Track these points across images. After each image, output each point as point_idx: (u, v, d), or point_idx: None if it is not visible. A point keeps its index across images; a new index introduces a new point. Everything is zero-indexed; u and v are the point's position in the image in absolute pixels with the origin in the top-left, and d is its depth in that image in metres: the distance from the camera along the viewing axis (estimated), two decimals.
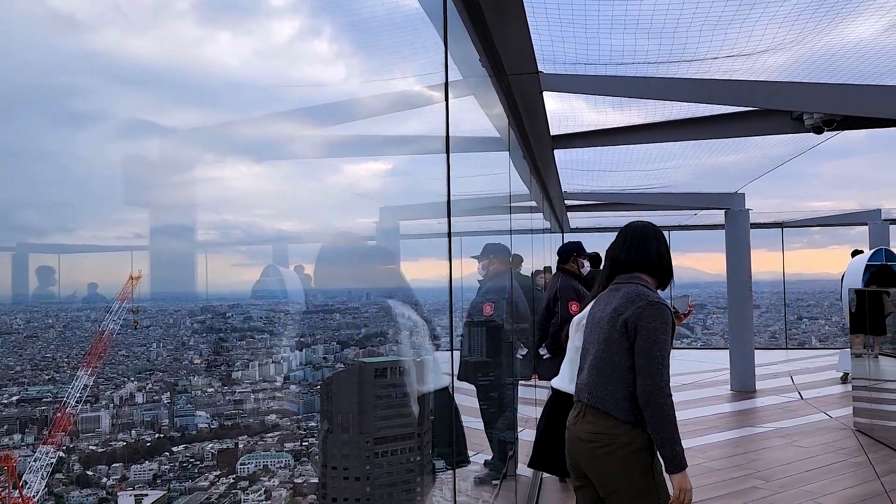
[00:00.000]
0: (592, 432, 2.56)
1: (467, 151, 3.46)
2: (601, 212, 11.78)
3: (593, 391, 2.59)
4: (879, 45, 4.76)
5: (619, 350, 2.56)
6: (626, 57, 4.79)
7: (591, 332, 2.74)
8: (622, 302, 2.61)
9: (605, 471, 2.55)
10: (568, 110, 5.81)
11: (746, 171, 9.29)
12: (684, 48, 4.56)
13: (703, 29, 4.22)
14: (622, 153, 7.88)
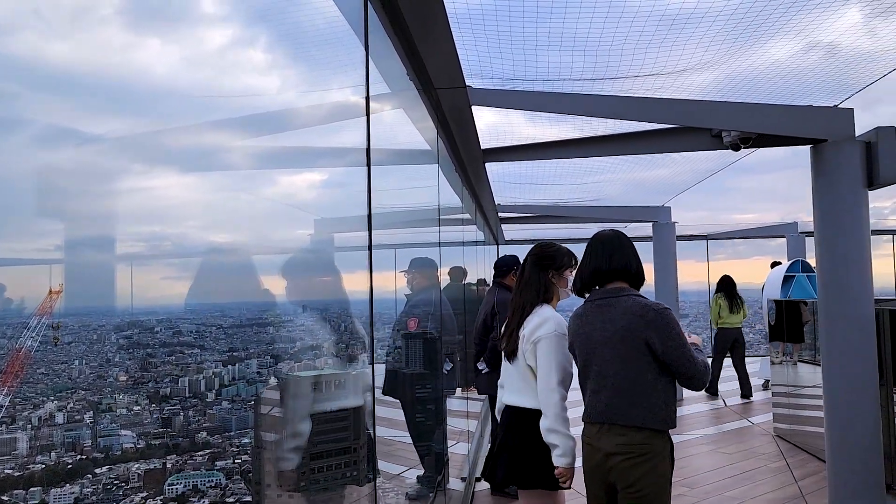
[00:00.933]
0: (627, 444, 2.65)
1: (395, 164, 3.48)
2: (536, 224, 11.96)
3: (619, 409, 2.67)
4: (794, 66, 5.03)
5: (644, 367, 2.66)
6: (558, 73, 4.92)
7: (596, 352, 2.76)
8: (630, 319, 2.69)
9: (640, 478, 2.64)
10: (505, 123, 5.90)
11: (672, 185, 9.61)
12: (612, 65, 4.71)
13: (636, 48, 4.37)
14: (556, 167, 8.05)
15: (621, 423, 2.67)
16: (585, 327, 2.84)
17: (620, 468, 2.66)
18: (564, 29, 3.78)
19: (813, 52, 4.75)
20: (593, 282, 2.88)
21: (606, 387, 2.72)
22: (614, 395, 2.69)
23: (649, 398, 2.65)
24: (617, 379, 2.70)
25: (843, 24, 4.37)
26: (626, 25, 4.08)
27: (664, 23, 4.13)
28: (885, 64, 4.80)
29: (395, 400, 5.10)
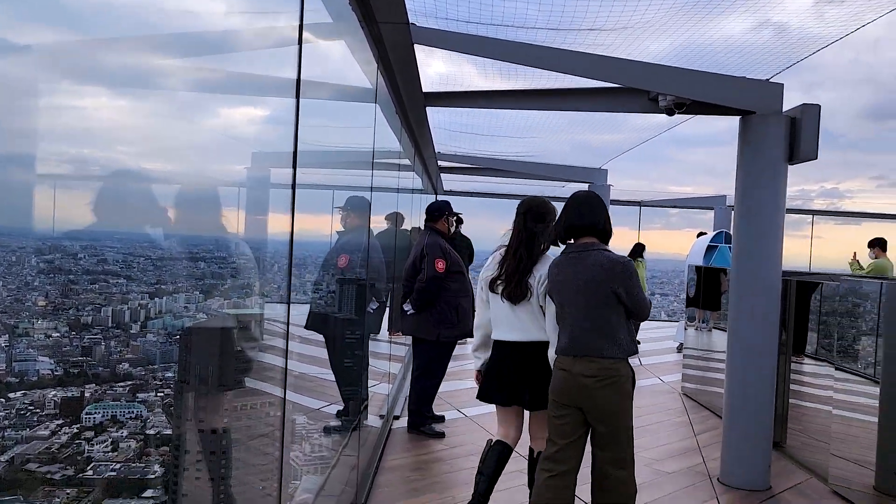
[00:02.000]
0: (599, 368, 3.19)
1: (329, 100, 3.43)
2: (476, 176, 12.02)
3: (591, 344, 3.22)
4: (744, 41, 5.15)
5: (611, 310, 3.24)
6: (512, 20, 4.88)
7: (570, 296, 3.30)
8: (600, 271, 3.24)
9: (608, 399, 3.20)
10: (457, 74, 5.87)
11: (611, 148, 9.80)
12: (567, 17, 4.72)
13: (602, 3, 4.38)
14: (500, 120, 8.08)
15: (593, 356, 3.21)
16: (561, 276, 3.35)
17: (592, 389, 3.19)
18: None
19: (764, 30, 4.88)
20: (568, 235, 3.38)
21: (579, 327, 3.26)
22: (586, 333, 3.24)
23: (615, 335, 3.23)
24: (588, 321, 3.25)
25: (796, 4, 4.48)
26: None
27: None
28: (823, 43, 4.96)
29: (320, 336, 5.12)
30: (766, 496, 4.58)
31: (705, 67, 5.70)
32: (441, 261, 5.24)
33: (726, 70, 5.70)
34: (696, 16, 4.60)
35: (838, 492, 4.70)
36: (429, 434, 5.40)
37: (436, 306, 5.31)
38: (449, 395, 6.75)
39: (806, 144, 4.62)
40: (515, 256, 3.56)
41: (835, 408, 5.28)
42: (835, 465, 4.91)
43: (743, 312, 4.80)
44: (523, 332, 3.59)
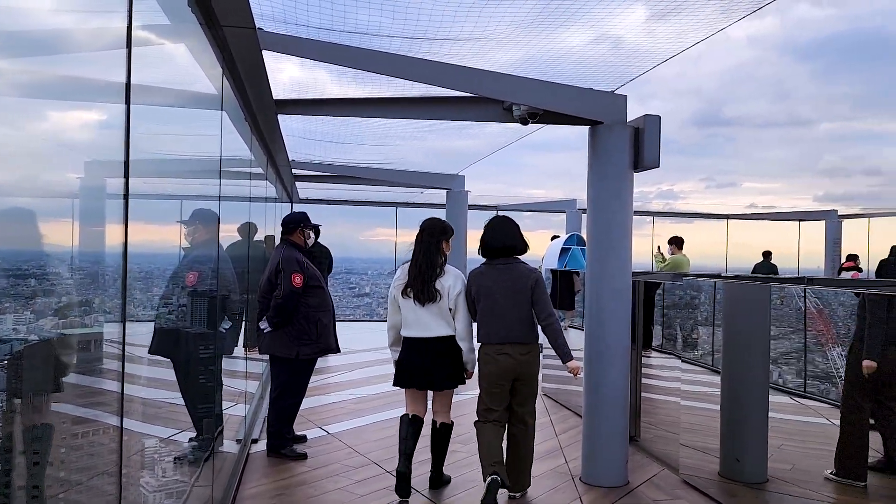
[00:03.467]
0: (528, 349, 4.41)
1: (167, 105, 3.16)
2: (333, 184, 11.79)
3: (522, 332, 4.38)
4: (585, 53, 5.33)
5: (527, 308, 4.39)
6: (366, 28, 4.78)
7: (496, 298, 4.37)
8: (521, 280, 4.40)
9: (531, 370, 4.45)
10: (310, 80, 5.65)
11: (468, 154, 9.94)
12: (421, 26, 4.68)
13: (456, 13, 4.36)
14: (357, 128, 7.93)
15: (519, 342, 4.37)
16: (487, 282, 4.42)
17: (525, 363, 4.38)
18: None
19: (602, 43, 5.07)
20: (491, 252, 4.49)
21: (506, 319, 4.37)
22: (517, 325, 4.38)
23: (532, 326, 4.43)
24: (513, 315, 4.38)
25: (630, 20, 4.69)
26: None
27: None
28: (657, 59, 5.25)
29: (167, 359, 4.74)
30: (625, 492, 4.75)
31: (552, 79, 5.88)
32: (298, 275, 5.03)
33: (572, 82, 5.92)
34: (544, 30, 4.72)
35: (688, 481, 4.96)
36: (290, 456, 5.17)
37: (294, 322, 5.08)
38: (311, 413, 6.52)
39: (649, 153, 4.86)
40: (419, 267, 4.43)
41: (682, 399, 5.60)
42: (684, 454, 5.20)
43: (597, 312, 4.97)
44: (430, 330, 4.46)
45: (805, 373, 7.31)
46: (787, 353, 6.94)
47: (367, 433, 5.98)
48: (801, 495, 4.59)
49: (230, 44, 3.57)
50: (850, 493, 4.57)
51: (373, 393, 7.59)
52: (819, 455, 5.69)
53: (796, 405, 6.99)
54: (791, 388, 7.40)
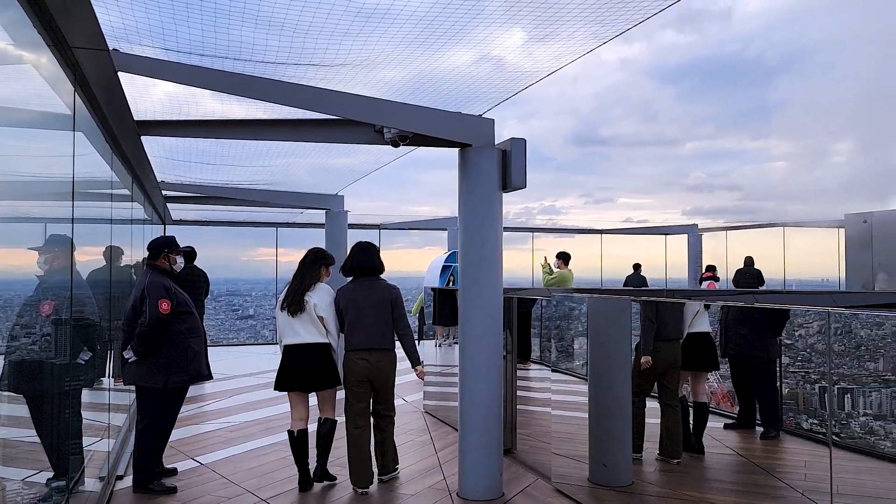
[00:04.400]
0: (385, 356, 5.17)
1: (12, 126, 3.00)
2: (209, 205, 11.44)
3: (379, 338, 5.14)
4: (468, 74, 5.50)
5: (388, 319, 5.19)
6: (238, 52, 4.72)
7: (362, 311, 5.15)
8: (384, 294, 5.23)
9: (389, 374, 5.22)
10: (188, 95, 5.47)
11: (352, 172, 9.92)
12: (305, 52, 4.68)
13: (331, 35, 4.39)
14: (233, 147, 7.75)
15: (379, 348, 5.12)
16: (354, 297, 5.21)
17: (383, 368, 5.14)
18: (261, 8, 3.65)
19: (484, 63, 5.26)
20: (355, 272, 5.31)
21: (369, 329, 5.12)
22: (377, 334, 5.13)
23: (390, 335, 5.21)
24: (375, 325, 5.14)
25: (509, 42, 4.90)
26: (324, 14, 4.11)
27: (361, 15, 4.22)
28: (536, 77, 5.51)
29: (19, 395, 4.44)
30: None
31: (435, 97, 6.03)
32: (165, 301, 4.85)
33: (454, 99, 6.08)
34: (427, 48, 4.85)
35: (560, 489, 5.16)
36: (158, 491, 4.95)
37: (161, 350, 4.89)
38: (183, 443, 6.28)
39: (516, 175, 5.06)
40: (294, 285, 5.24)
41: (553, 408, 5.82)
42: (556, 463, 5.41)
43: (470, 328, 5.10)
44: (301, 337, 5.13)
45: None
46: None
47: (242, 462, 5.82)
48: (660, 494, 4.88)
49: (82, 65, 3.44)
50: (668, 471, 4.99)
51: (250, 419, 7.40)
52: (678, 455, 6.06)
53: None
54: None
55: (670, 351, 4.95)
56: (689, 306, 5.02)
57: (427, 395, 8.07)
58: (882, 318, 5.82)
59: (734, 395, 6.08)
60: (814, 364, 6.62)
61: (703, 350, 4.98)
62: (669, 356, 4.95)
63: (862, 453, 5.75)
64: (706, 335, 4.99)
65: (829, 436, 4.26)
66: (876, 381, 6.32)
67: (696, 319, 5.00)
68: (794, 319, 6.48)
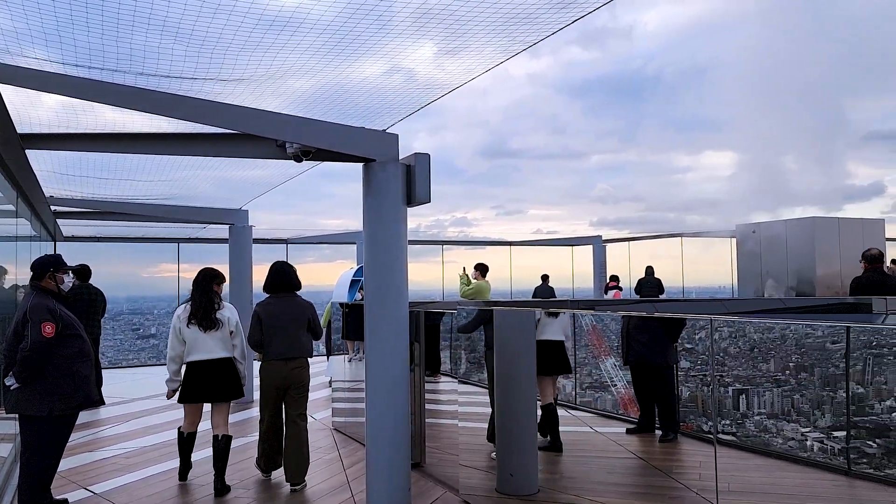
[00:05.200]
0: (297, 364, 5.67)
1: None
2: (105, 220, 10.93)
3: (298, 348, 5.68)
4: (380, 85, 5.51)
5: (305, 331, 5.74)
6: (141, 65, 4.58)
7: (281, 325, 5.63)
8: (301, 309, 5.77)
9: (302, 379, 5.69)
10: (85, 104, 5.22)
11: (257, 184, 9.73)
12: (214, 59, 4.57)
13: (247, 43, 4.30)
14: (128, 160, 7.46)
15: (295, 356, 5.67)
16: (274, 311, 5.68)
17: (296, 374, 5.66)
18: (168, 17, 3.54)
19: (394, 74, 5.27)
20: (274, 288, 5.80)
21: (288, 339, 5.63)
22: (296, 344, 5.67)
23: (309, 345, 5.80)
24: (293, 336, 5.67)
25: (419, 54, 4.94)
26: (234, 26, 4.03)
27: (274, 27, 4.17)
28: (446, 89, 5.58)
29: None
30: None
31: (345, 109, 6.01)
32: (49, 324, 4.58)
33: (365, 111, 6.08)
34: (336, 57, 4.84)
35: (468, 501, 5.20)
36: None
37: (46, 376, 4.62)
38: (74, 473, 5.96)
39: (420, 189, 5.09)
40: (200, 302, 5.61)
41: (461, 420, 5.87)
42: (464, 475, 5.45)
43: (375, 342, 5.07)
44: (212, 353, 5.58)
45: (576, 384, 7.99)
46: (574, 368, 7.57)
47: (139, 490, 5.57)
48: (564, 501, 4.99)
49: None
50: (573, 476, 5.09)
51: (147, 445, 7.09)
52: (583, 461, 6.23)
53: (568, 417, 7.61)
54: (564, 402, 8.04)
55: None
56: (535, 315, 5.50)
57: (336, 412, 7.97)
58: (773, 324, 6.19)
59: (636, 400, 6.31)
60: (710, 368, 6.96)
61: (553, 356, 5.43)
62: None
63: (751, 451, 6.09)
64: (557, 343, 5.44)
65: (715, 435, 4.49)
66: (768, 382, 6.71)
67: (544, 328, 5.48)
68: (696, 324, 6.83)
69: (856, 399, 5.60)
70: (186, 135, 5.39)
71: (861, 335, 5.62)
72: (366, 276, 5.25)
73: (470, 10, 4.22)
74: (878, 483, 4.88)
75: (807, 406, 6.06)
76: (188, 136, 5.39)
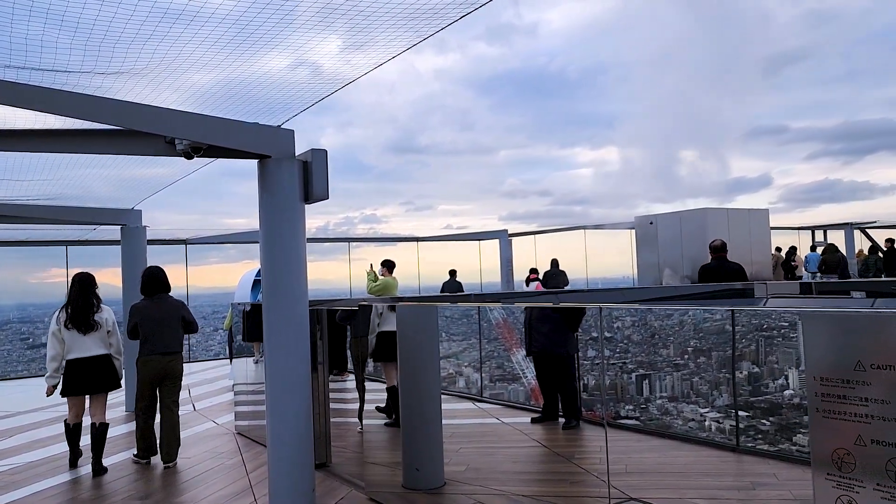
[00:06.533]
0: (171, 358, 6.36)
1: None
2: None
3: (174, 343, 6.39)
4: (283, 79, 5.37)
5: (178, 326, 6.43)
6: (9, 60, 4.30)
7: (156, 323, 6.34)
8: (175, 309, 6.49)
9: (175, 371, 6.40)
10: None
11: (153, 182, 9.32)
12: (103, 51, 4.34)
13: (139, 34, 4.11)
14: (8, 158, 7.01)
15: (170, 351, 6.35)
16: (149, 312, 6.38)
17: (170, 366, 6.36)
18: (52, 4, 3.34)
19: (299, 68, 5.16)
20: (149, 289, 6.48)
21: (163, 336, 6.33)
22: (167, 339, 6.35)
23: (181, 340, 6.52)
24: (168, 333, 6.35)
25: (324, 48, 4.86)
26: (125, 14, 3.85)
27: (167, 17, 4.00)
28: (347, 81, 5.52)
29: None
30: None
31: (248, 103, 5.84)
32: None
33: (267, 105, 5.94)
34: (237, 50, 4.70)
35: (374, 497, 5.19)
36: None
37: None
38: None
39: (318, 186, 5.02)
40: (78, 306, 6.18)
41: (366, 418, 5.84)
42: (369, 472, 5.44)
43: (275, 343, 4.98)
44: (91, 351, 6.15)
45: (481, 377, 8.11)
46: (483, 360, 7.69)
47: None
48: (470, 492, 5.06)
49: None
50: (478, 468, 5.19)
51: (36, 459, 6.70)
52: (489, 452, 6.34)
53: (476, 409, 7.73)
54: (471, 395, 8.16)
55: (364, 345, 6.74)
56: (374, 312, 6.42)
57: (239, 416, 7.77)
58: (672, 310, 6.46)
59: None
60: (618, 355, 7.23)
61: (392, 345, 5.60)
62: (363, 350, 6.75)
63: (648, 433, 6.36)
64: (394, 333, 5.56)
65: (604, 419, 4.66)
66: (669, 366, 7.02)
67: (385, 321, 6.21)
68: (612, 313, 7.05)
69: (752, 379, 5.96)
70: (74, 131, 5.11)
71: (753, 319, 5.97)
72: (263, 275, 5.13)
73: (371, 4, 4.21)
74: (762, 457, 5.22)
75: (705, 388, 6.40)
76: (76, 132, 5.11)
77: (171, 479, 5.88)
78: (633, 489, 4.44)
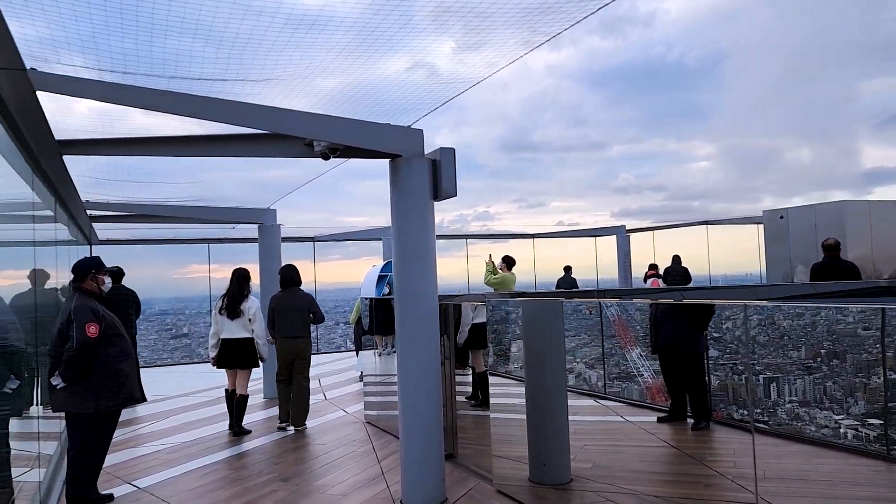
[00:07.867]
0: (301, 342, 7.62)
1: None
2: (137, 223, 11.15)
3: (301, 329, 7.61)
4: (401, 82, 5.55)
5: (306, 316, 7.66)
6: (162, 70, 4.67)
7: (287, 312, 7.57)
8: (304, 300, 7.68)
9: (304, 352, 7.63)
10: (117, 110, 5.34)
11: (283, 184, 9.84)
12: (244, 60, 4.67)
13: (271, 48, 4.39)
14: (159, 163, 7.60)
15: (301, 335, 7.58)
16: (281, 303, 7.60)
17: (301, 348, 7.58)
18: (199, 21, 3.63)
19: (417, 71, 5.32)
20: (286, 284, 7.70)
21: (292, 323, 7.55)
22: (296, 325, 7.55)
23: (308, 327, 7.68)
24: (297, 320, 7.55)
25: (441, 50, 4.99)
26: (263, 28, 4.12)
27: (301, 27, 4.24)
28: (467, 85, 5.62)
29: None
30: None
31: (370, 106, 6.06)
32: (94, 325, 4.73)
33: (389, 108, 6.14)
34: (362, 57, 4.90)
35: (502, 490, 5.26)
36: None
37: (91, 375, 4.77)
38: (118, 468, 6.12)
39: (447, 183, 5.15)
40: (231, 295, 7.44)
41: (492, 411, 5.92)
42: (497, 465, 5.51)
43: (407, 336, 5.15)
44: (234, 334, 7.35)
45: (605, 374, 8.00)
46: (600, 357, 7.61)
47: (182, 483, 5.72)
48: (598, 490, 5.03)
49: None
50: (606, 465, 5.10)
51: (187, 440, 7.26)
52: (614, 450, 6.26)
53: (598, 406, 7.63)
54: (593, 392, 8.06)
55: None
56: (468, 306, 7.35)
57: (368, 405, 8.07)
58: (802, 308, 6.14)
59: (666, 389, 6.31)
60: (741, 356, 6.94)
61: (482, 335, 7.08)
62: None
63: (785, 438, 6.06)
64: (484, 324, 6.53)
65: (752, 423, 4.49)
66: (799, 369, 6.66)
67: (477, 313, 7.43)
68: (722, 313, 6.80)
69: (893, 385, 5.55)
70: (216, 136, 5.49)
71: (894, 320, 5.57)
72: (395, 271, 5.32)
73: (490, 6, 4.26)
74: None
75: (840, 393, 6.02)
76: (218, 137, 5.49)
77: (309, 464, 6.21)
78: (774, 496, 4.27)
